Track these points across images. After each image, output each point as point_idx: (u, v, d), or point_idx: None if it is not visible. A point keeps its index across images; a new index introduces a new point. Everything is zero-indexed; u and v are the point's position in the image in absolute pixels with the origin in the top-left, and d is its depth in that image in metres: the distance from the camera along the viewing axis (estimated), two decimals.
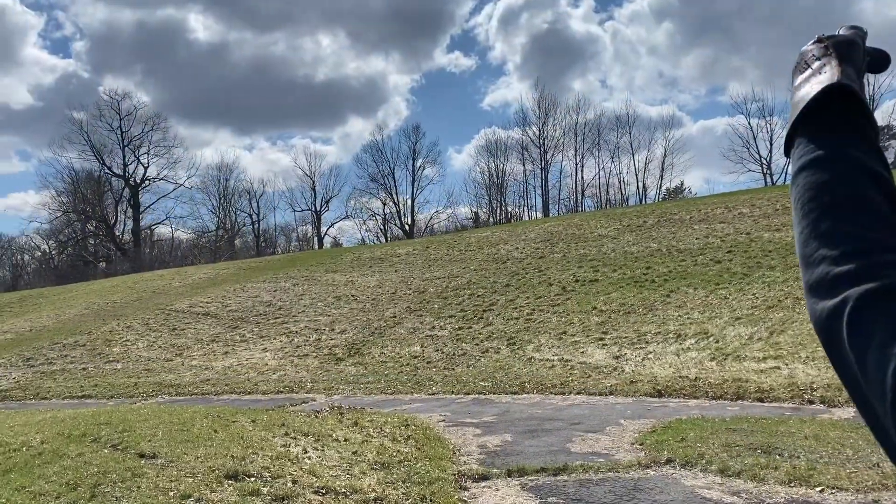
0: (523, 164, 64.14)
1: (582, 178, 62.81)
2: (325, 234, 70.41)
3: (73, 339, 21.63)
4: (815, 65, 0.95)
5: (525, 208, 65.21)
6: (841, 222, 0.80)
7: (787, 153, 0.94)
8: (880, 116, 49.54)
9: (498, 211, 65.54)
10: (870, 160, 0.85)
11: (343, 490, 5.66)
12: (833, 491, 5.64)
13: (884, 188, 0.82)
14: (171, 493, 5.14)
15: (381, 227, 68.83)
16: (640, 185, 61.77)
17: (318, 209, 69.61)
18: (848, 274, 0.75)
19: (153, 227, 69.39)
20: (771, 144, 55.30)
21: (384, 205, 67.78)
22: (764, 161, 55.64)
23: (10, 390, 16.92)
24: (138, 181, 66.16)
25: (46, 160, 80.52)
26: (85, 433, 6.69)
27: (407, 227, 66.66)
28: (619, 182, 62.71)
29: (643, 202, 57.02)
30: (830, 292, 0.76)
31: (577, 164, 62.76)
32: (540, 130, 62.89)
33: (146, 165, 66.18)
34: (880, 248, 0.76)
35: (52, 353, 20.20)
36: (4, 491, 5.16)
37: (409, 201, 67.75)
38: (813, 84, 0.93)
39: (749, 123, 56.29)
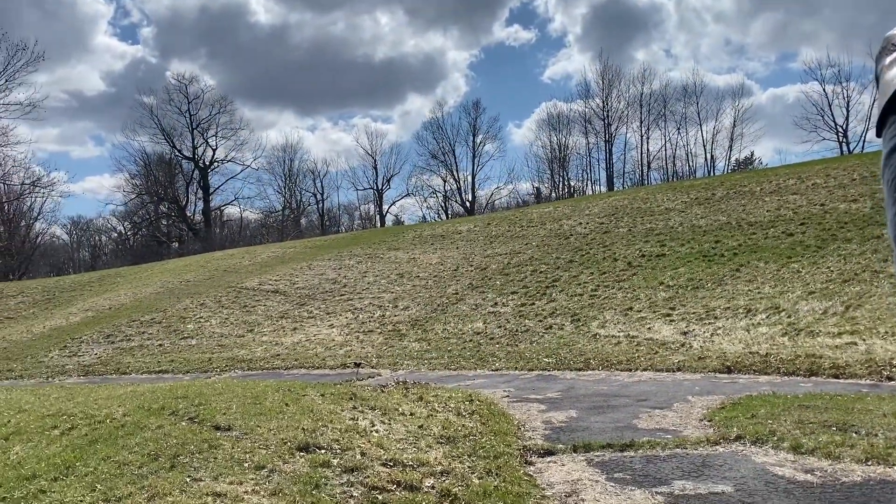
0: (586, 138, 63.24)
1: (647, 150, 61.60)
2: (387, 212, 71.18)
3: (150, 316, 22.53)
4: None
5: (588, 182, 64.42)
6: None
7: (878, 134, 0.91)
8: None
9: (560, 185, 64.92)
10: None
11: (410, 463, 5.77)
12: None
13: None
14: (246, 465, 5.34)
15: (442, 204, 69.13)
16: (709, 156, 60.19)
17: (380, 187, 70.34)
18: None
19: (222, 208, 71.42)
20: (847, 111, 53.02)
21: (445, 182, 67.99)
22: (840, 129, 53.40)
23: (93, 365, 17.77)
24: (207, 163, 68.09)
25: (119, 144, 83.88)
26: (163, 406, 6.99)
27: (468, 203, 66.69)
28: (687, 154, 61.22)
29: (711, 174, 55.53)
30: None
31: (642, 136, 61.56)
32: (603, 102, 61.84)
33: (214, 148, 68.04)
34: None
35: (131, 330, 21.10)
36: (92, 460, 5.44)
37: (470, 178, 67.78)
38: None
39: (824, 90, 54.09)
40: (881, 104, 0.91)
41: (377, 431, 6.69)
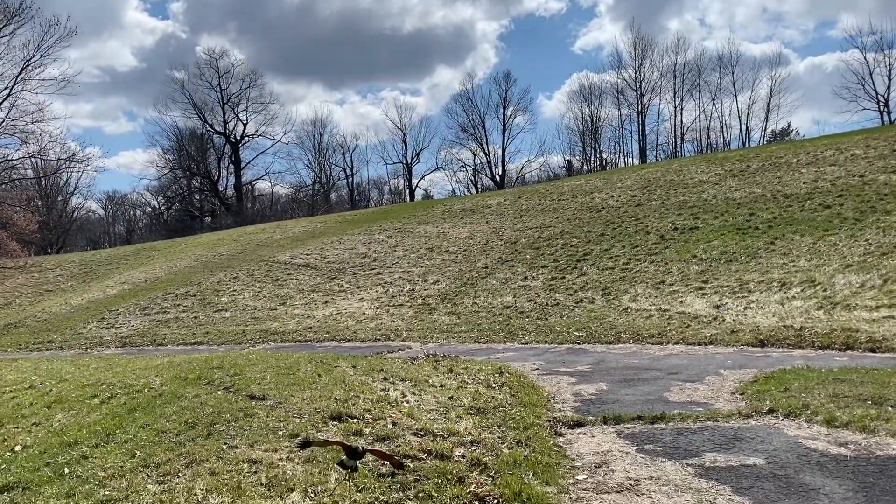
0: (618, 109, 62.31)
1: (681, 121, 60.55)
2: (416, 186, 71.12)
3: (185, 289, 22.91)
4: None
5: (621, 155, 63.62)
6: None
7: None
8: None
9: (592, 158, 64.22)
10: None
11: (441, 433, 5.83)
12: None
13: None
14: (280, 433, 5.44)
15: (472, 177, 68.83)
16: (744, 127, 59.07)
17: (409, 161, 70.25)
18: None
19: (254, 183, 72.01)
20: (889, 80, 51.56)
21: (474, 155, 67.61)
22: (881, 99, 51.89)
23: (130, 337, 18.17)
24: (238, 138, 68.53)
25: (152, 119, 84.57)
26: (199, 376, 7.14)
27: (497, 177, 66.32)
28: (721, 125, 60.13)
29: (746, 145, 54.50)
30: None
31: (675, 108, 60.49)
32: (636, 73, 60.82)
33: (245, 122, 68.42)
34: None
35: (166, 303, 21.50)
36: (131, 428, 5.59)
37: (500, 151, 67.32)
38: None
39: (864, 58, 52.53)
40: None
41: (408, 402, 6.76)
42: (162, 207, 73.22)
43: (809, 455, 5.39)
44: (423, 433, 5.78)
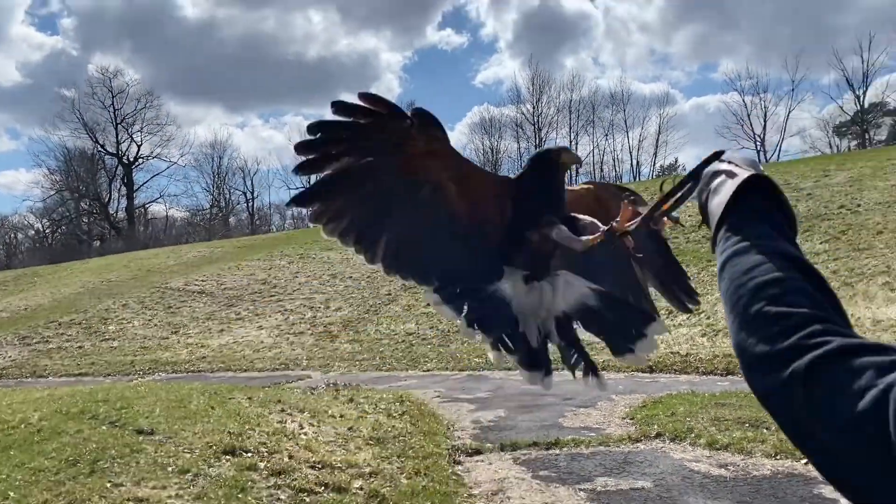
0: (517, 142, 64.00)
1: None
2: None
3: (69, 317, 21.68)
4: (725, 172, 1.05)
5: None
6: (770, 304, 0.85)
7: (713, 251, 1.02)
8: (873, 93, 49.73)
9: None
10: (784, 245, 0.92)
11: (339, 465, 5.76)
12: None
13: (799, 268, 0.89)
14: (170, 469, 5.23)
15: None
16: (635, 162, 61.88)
17: None
18: (790, 348, 0.80)
19: (147, 206, 69.07)
20: (765, 121, 55.26)
21: None
22: (758, 138, 55.62)
23: (7, 368, 17.00)
24: (132, 159, 65.74)
25: (38, 138, 79.84)
26: (83, 410, 6.77)
27: None
28: (613, 159, 62.81)
29: (637, 179, 57.09)
30: (777, 368, 0.80)
31: (571, 142, 62.61)
32: (534, 108, 62.72)
33: (139, 143, 65.69)
34: (811, 319, 0.81)
35: (48, 332, 20.27)
36: (5, 468, 5.23)
37: None
38: (730, 185, 1.01)
39: (743, 100, 56.20)
40: (713, 224, 1.02)
41: (306, 434, 6.65)
42: (46, 231, 69.13)
43: (693, 477, 5.66)
44: (320, 466, 5.70)
